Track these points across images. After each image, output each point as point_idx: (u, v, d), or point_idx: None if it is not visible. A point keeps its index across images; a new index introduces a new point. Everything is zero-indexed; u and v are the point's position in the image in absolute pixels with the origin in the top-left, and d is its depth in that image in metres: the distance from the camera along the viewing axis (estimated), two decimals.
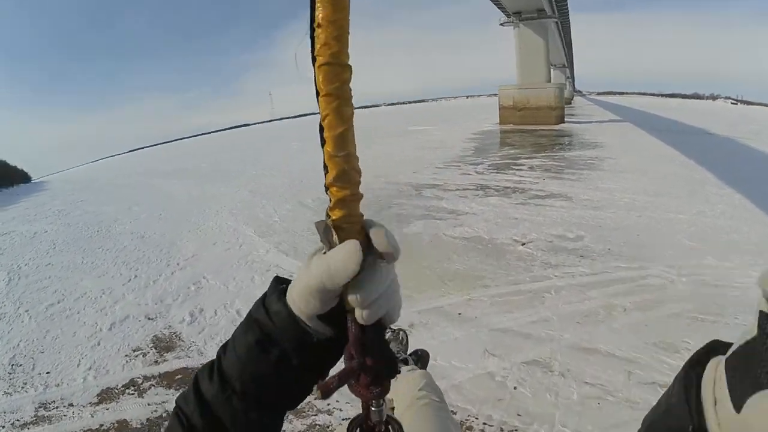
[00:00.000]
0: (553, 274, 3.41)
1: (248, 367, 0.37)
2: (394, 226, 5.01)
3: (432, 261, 3.91)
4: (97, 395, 2.46)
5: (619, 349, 2.46)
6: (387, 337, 1.94)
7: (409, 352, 1.99)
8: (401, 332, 2.04)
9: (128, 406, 2.35)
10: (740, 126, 8.98)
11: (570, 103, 17.50)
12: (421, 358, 1.97)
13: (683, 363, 0.30)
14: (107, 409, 2.34)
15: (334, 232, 0.36)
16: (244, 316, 0.40)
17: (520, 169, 7.29)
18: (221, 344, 0.40)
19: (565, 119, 12.08)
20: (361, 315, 0.35)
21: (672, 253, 3.59)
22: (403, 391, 1.14)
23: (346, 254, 0.34)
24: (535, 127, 11.62)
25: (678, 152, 7.19)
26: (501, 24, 16.33)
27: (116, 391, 2.49)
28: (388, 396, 0.92)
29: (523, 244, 4.05)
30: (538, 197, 5.63)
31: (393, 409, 1.11)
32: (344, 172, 0.35)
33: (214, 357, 0.39)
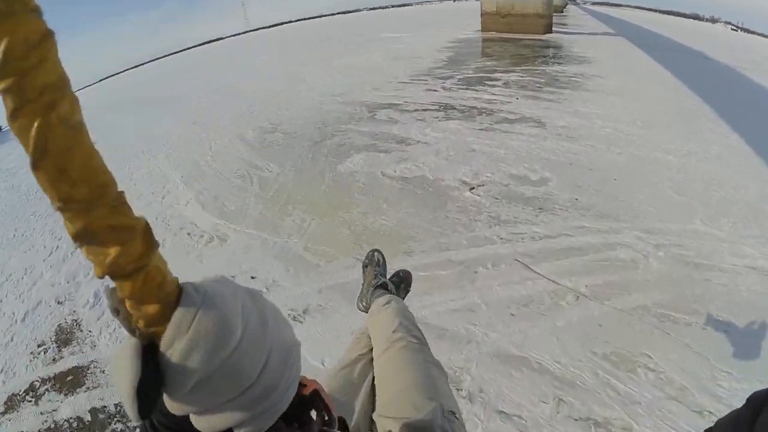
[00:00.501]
0: (498, 235, 2.63)
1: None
2: (330, 161, 4.10)
3: (357, 213, 3.07)
4: (4, 403, 2.14)
5: (557, 362, 1.78)
6: (363, 262, 1.81)
7: (390, 276, 1.74)
8: (375, 253, 1.81)
9: (26, 415, 2.05)
10: (740, 54, 7.86)
11: (562, 12, 15.49)
12: (404, 280, 1.74)
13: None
14: (10, 420, 2.04)
15: (124, 314, 0.25)
16: None
17: (494, 86, 6.16)
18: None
19: (554, 29, 10.52)
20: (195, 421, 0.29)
21: (653, 210, 2.83)
22: (379, 333, 1.05)
23: (120, 372, 0.26)
24: (520, 36, 10.08)
25: (673, 75, 6.16)
26: None
27: (18, 397, 2.16)
28: (369, 332, 1.11)
29: (472, 189, 3.21)
30: (507, 121, 4.67)
31: (371, 350, 1.04)
32: (81, 232, 0.23)
33: None
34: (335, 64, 9.55)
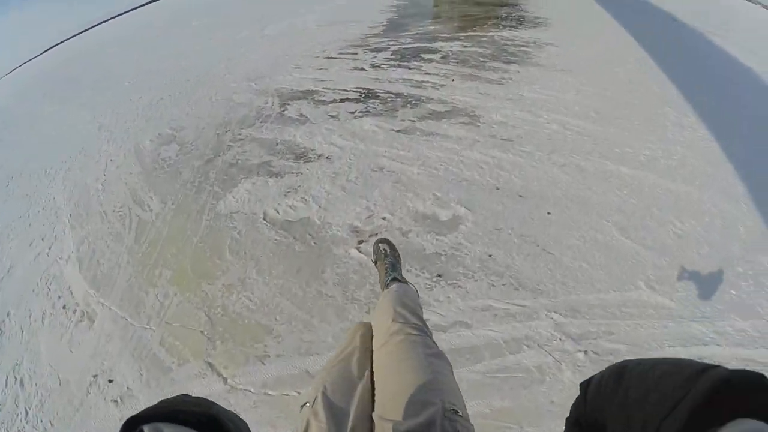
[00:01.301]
0: None
1: None
2: (214, 192, 3.30)
3: (220, 285, 2.38)
4: None
5: None
6: (371, 259, 1.93)
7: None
8: (381, 245, 1.77)
9: None
10: (709, 15, 6.85)
11: None
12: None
13: None
14: None
15: None
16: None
17: (430, 60, 5.21)
18: None
19: None
20: None
21: (586, 268, 2.14)
22: (378, 325, 1.01)
23: None
24: None
25: (638, 44, 5.25)
26: None
27: None
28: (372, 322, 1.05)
29: (361, 243, 2.46)
30: (433, 117, 3.85)
31: (371, 338, 1.01)
32: None
33: None
34: (266, 33, 8.33)
